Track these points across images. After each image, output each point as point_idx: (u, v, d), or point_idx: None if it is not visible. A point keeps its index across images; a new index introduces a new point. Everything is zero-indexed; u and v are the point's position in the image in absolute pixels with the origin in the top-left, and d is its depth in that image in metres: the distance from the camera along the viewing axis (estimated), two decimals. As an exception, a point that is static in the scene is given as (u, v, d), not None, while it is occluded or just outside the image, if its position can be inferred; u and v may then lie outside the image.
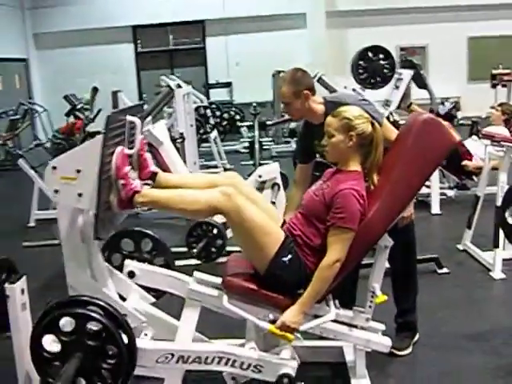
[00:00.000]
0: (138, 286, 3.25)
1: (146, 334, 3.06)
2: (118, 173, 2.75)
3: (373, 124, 2.90)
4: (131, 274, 3.01)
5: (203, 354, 2.79)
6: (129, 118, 2.89)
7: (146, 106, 8.51)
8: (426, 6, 15.42)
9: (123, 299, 3.10)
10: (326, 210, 2.77)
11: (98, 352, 2.55)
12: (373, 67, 7.32)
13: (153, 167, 3.01)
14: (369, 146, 2.90)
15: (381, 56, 6.94)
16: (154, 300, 3.29)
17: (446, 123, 6.51)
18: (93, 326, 2.56)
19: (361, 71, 7.39)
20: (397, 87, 6.85)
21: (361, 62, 7.33)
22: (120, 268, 3.22)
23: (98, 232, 2.74)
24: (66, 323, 2.57)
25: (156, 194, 2.84)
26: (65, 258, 2.92)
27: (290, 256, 2.79)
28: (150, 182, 2.95)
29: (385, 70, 7.32)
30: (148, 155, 3.03)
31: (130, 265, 3.05)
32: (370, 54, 7.12)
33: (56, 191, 2.75)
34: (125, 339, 2.60)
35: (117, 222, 3.05)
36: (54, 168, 2.74)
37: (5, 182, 10.76)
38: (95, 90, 15.18)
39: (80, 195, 2.72)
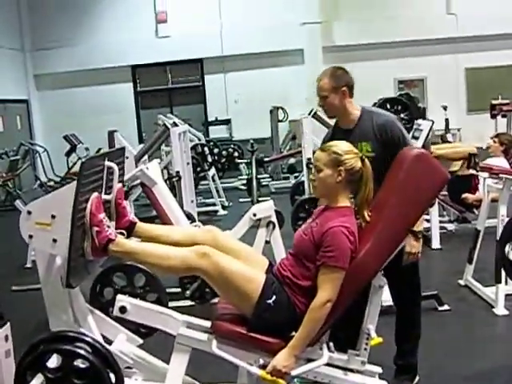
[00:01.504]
0: (124, 328, 3.18)
1: (136, 380, 2.97)
2: (92, 219, 2.69)
3: (362, 160, 2.83)
4: (123, 310, 2.91)
5: (193, 398, 2.70)
6: (107, 163, 2.84)
7: (141, 146, 8.51)
8: (422, 38, 15.52)
9: (109, 342, 3.01)
10: (315, 248, 2.68)
11: None
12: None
13: (131, 216, 2.94)
14: (358, 182, 2.83)
15: (399, 107, 6.90)
16: (141, 341, 3.20)
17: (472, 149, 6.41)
18: (80, 364, 2.48)
19: None
20: (415, 138, 6.80)
21: None
22: (111, 302, 3.12)
23: (70, 279, 2.66)
24: (53, 359, 2.50)
25: (131, 245, 2.77)
26: (46, 303, 2.84)
27: (274, 297, 2.70)
28: (124, 231, 2.87)
29: (403, 122, 7.23)
30: (126, 203, 2.97)
31: (122, 300, 2.93)
32: (388, 106, 7.08)
33: (30, 236, 2.68)
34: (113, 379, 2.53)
35: (92, 269, 2.97)
36: (29, 213, 2.67)
37: (5, 223, 10.71)
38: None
39: (55, 241, 2.66)
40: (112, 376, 2.55)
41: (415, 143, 6.53)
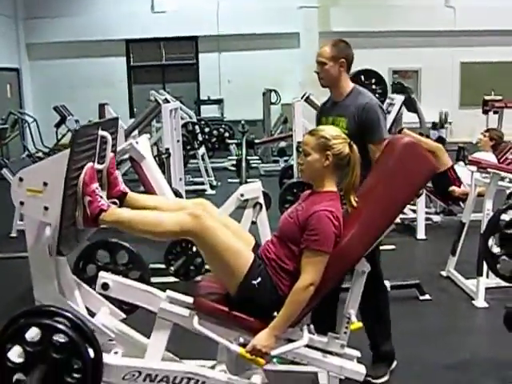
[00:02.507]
0: (108, 301, 3.17)
1: (116, 353, 2.97)
2: (85, 189, 2.67)
3: (350, 145, 2.84)
4: (105, 286, 2.91)
5: (172, 374, 2.70)
6: (100, 132, 2.82)
7: (132, 120, 8.47)
8: (419, 29, 15.48)
9: (93, 314, 3.01)
10: (300, 232, 2.69)
11: (63, 365, 2.48)
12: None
13: (122, 186, 2.93)
14: (346, 167, 2.84)
15: (373, 80, 6.87)
16: (124, 316, 3.21)
17: (439, 146, 6.49)
18: (59, 338, 2.49)
19: None
20: (388, 112, 6.80)
21: None
22: (94, 279, 3.11)
23: (61, 247, 2.65)
24: (32, 333, 2.50)
25: (123, 213, 2.75)
26: (32, 272, 2.82)
27: (259, 279, 2.71)
28: (117, 201, 2.85)
29: (376, 95, 7.22)
30: (118, 173, 2.95)
31: (104, 277, 2.93)
32: (362, 78, 7.06)
33: (21, 203, 2.65)
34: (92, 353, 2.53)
35: (82, 238, 2.96)
36: (21, 179, 2.64)
37: (-10, 192, 10.66)
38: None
39: (46, 209, 2.62)
40: (91, 351, 2.55)
41: (387, 117, 6.60)
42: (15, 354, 2.51)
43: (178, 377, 2.69)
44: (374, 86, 6.93)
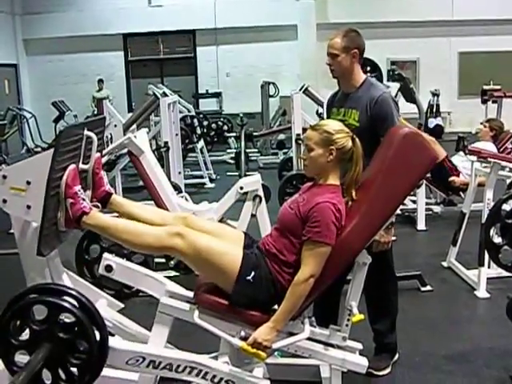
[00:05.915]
0: (105, 293, 3.18)
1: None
2: (67, 191, 2.64)
3: (353, 139, 2.82)
4: (108, 268, 2.87)
5: (175, 362, 2.66)
6: (86, 132, 2.79)
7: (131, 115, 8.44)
8: (417, 20, 15.45)
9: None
10: (301, 224, 2.67)
11: (68, 346, 2.44)
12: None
13: (108, 187, 2.91)
14: (349, 162, 2.82)
15: (368, 68, 6.81)
16: (122, 306, 3.22)
17: (431, 138, 6.48)
18: (66, 318, 2.45)
19: None
20: None
21: None
22: (97, 260, 3.09)
23: (41, 248, 2.60)
24: (38, 310, 2.47)
25: (105, 219, 2.72)
26: (24, 268, 2.80)
27: (253, 273, 2.68)
28: (99, 204, 2.83)
29: None
30: (103, 174, 2.92)
31: (108, 258, 2.87)
32: None
33: (4, 201, 2.62)
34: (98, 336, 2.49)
35: (64, 238, 2.91)
36: (4, 177, 2.62)
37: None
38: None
39: (28, 207, 2.60)
40: (97, 333, 2.53)
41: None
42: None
43: (181, 365, 2.66)
44: (368, 74, 6.89)
